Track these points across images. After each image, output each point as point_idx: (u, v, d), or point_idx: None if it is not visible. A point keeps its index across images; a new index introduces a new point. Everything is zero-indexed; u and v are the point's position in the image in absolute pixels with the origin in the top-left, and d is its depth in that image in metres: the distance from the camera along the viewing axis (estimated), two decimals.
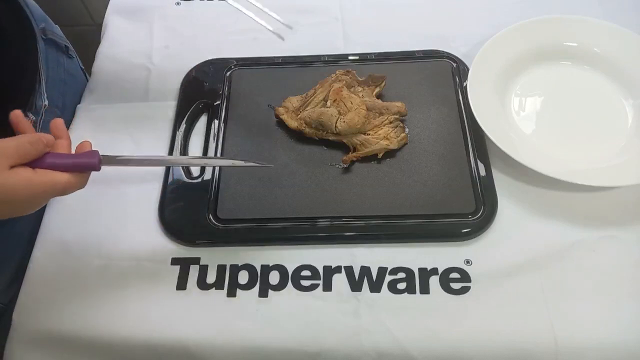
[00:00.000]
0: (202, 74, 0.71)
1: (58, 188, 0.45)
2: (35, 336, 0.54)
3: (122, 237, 0.59)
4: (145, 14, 0.78)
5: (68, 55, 0.74)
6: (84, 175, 0.47)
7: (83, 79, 0.76)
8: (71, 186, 0.46)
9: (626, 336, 0.51)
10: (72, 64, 0.75)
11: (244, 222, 0.58)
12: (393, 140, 0.61)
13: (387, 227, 0.57)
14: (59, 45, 0.71)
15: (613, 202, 0.59)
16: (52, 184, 0.44)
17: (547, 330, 0.51)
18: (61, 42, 0.72)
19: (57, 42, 0.71)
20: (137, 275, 0.56)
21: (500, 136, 0.59)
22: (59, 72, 0.70)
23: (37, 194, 0.44)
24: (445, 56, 0.70)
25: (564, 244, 0.56)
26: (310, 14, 0.77)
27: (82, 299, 0.55)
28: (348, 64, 0.70)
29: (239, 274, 0.56)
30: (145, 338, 0.53)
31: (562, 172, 0.57)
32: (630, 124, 0.64)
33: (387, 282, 0.54)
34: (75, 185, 0.46)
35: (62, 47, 0.72)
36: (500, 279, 0.54)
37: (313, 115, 0.61)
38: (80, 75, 0.77)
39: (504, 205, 0.58)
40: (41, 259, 0.58)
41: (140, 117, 0.68)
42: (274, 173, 0.61)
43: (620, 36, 0.67)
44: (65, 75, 0.71)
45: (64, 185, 0.45)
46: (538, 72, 0.68)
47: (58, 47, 0.71)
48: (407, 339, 0.52)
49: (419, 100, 0.66)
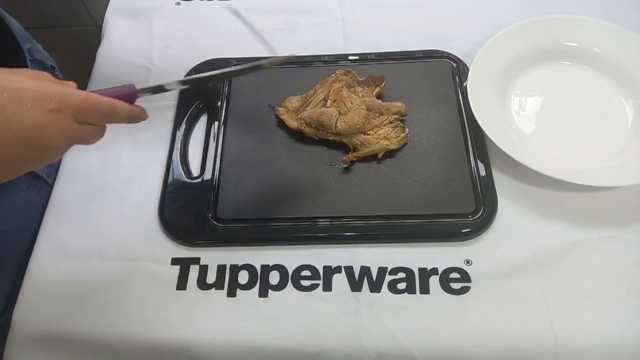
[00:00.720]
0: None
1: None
2: (35, 336, 0.54)
3: (122, 237, 0.59)
4: (145, 14, 0.78)
5: (55, 76, 0.72)
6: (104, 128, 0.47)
7: None
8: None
9: (626, 336, 0.51)
10: None
11: (244, 222, 0.58)
12: (393, 140, 0.61)
13: (387, 227, 0.57)
14: (46, 66, 0.70)
15: (613, 202, 0.59)
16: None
17: (547, 330, 0.51)
18: (48, 62, 0.70)
19: (44, 62, 0.69)
20: (137, 275, 0.56)
21: (500, 136, 0.59)
22: None
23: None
24: (445, 56, 0.70)
25: (564, 244, 0.56)
26: (310, 14, 0.77)
27: (82, 299, 0.55)
28: (348, 64, 0.70)
29: (239, 274, 0.56)
30: (145, 338, 0.53)
31: (562, 172, 0.57)
32: (630, 124, 0.64)
33: (387, 282, 0.54)
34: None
35: (48, 67, 0.71)
36: (500, 279, 0.54)
37: (313, 115, 0.62)
38: None
39: (504, 205, 0.58)
40: (41, 258, 0.58)
41: None
42: (274, 173, 0.61)
43: (620, 36, 0.67)
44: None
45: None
46: (538, 72, 0.68)
47: (45, 68, 0.70)
48: (407, 339, 0.52)
49: (419, 100, 0.66)
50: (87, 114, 0.43)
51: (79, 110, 0.42)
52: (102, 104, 0.44)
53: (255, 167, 0.62)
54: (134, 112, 0.48)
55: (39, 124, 0.40)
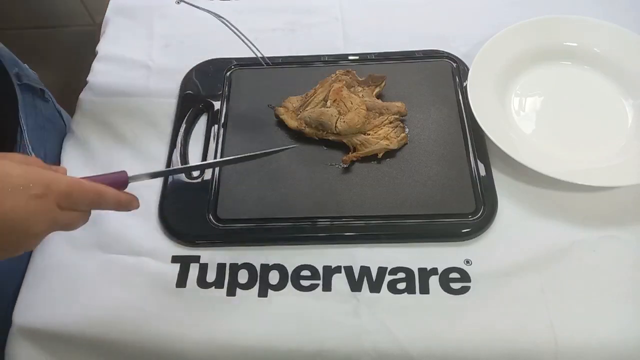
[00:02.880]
0: (202, 74, 0.71)
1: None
2: (35, 334, 0.54)
3: (122, 237, 0.59)
4: (145, 13, 0.78)
5: (44, 99, 0.70)
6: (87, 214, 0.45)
7: (61, 124, 0.73)
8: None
9: (626, 336, 0.51)
10: (49, 108, 0.71)
11: (243, 222, 0.58)
12: (393, 140, 0.61)
13: (387, 227, 0.57)
14: (35, 90, 0.68)
15: (613, 202, 0.59)
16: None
17: (547, 330, 0.51)
18: (37, 86, 0.69)
19: (33, 86, 0.68)
20: (136, 272, 0.56)
21: (500, 136, 0.59)
22: (37, 119, 0.66)
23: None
24: (445, 56, 0.70)
25: (564, 244, 0.56)
26: (310, 14, 0.77)
27: (82, 297, 0.55)
28: (348, 64, 0.70)
29: (238, 273, 0.56)
30: (145, 335, 0.53)
31: (562, 172, 0.57)
32: (630, 124, 0.64)
33: (387, 282, 0.54)
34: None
35: (37, 91, 0.69)
36: (500, 279, 0.54)
37: (313, 115, 0.62)
38: (58, 120, 0.73)
39: (504, 205, 0.58)
40: (42, 257, 0.58)
41: (141, 113, 0.68)
42: (274, 173, 0.61)
43: (620, 36, 0.67)
44: (43, 122, 0.68)
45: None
46: (538, 72, 0.68)
47: (34, 92, 0.68)
48: (407, 339, 0.52)
49: (419, 100, 0.66)
50: (73, 199, 0.42)
51: (64, 196, 0.41)
52: (88, 190, 0.43)
53: (255, 167, 0.62)
54: (123, 199, 0.46)
55: (21, 210, 0.38)
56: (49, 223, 0.41)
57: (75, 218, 0.43)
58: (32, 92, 0.68)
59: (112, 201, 0.45)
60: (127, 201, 0.46)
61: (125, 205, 0.46)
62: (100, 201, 0.44)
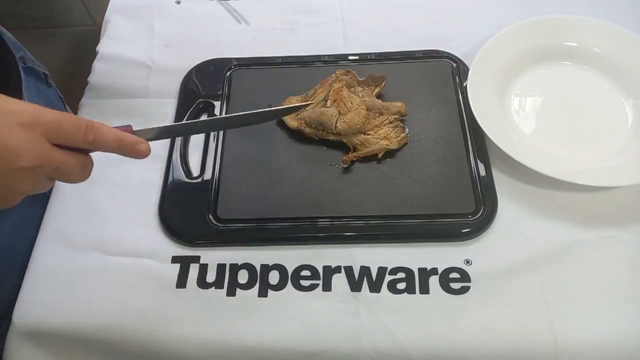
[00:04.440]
0: (202, 73, 0.71)
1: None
2: (35, 333, 0.54)
3: (122, 236, 0.59)
4: (145, 13, 0.78)
5: (47, 83, 0.71)
6: (87, 161, 0.41)
7: (63, 109, 0.73)
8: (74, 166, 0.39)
9: (626, 336, 0.51)
10: (51, 92, 0.71)
11: (243, 222, 0.58)
12: (393, 140, 0.61)
13: (387, 227, 0.57)
14: (38, 74, 0.69)
15: (613, 202, 0.59)
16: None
17: (547, 330, 0.51)
18: (40, 69, 0.69)
19: (36, 69, 0.68)
20: (136, 272, 0.56)
21: (500, 136, 0.59)
22: (39, 101, 0.66)
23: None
24: (445, 56, 0.70)
25: (564, 244, 0.56)
26: (310, 14, 0.77)
27: (82, 297, 0.55)
28: (348, 64, 0.70)
29: (238, 273, 0.56)
30: (145, 336, 0.53)
31: (562, 172, 0.57)
32: (630, 124, 0.64)
33: (387, 282, 0.54)
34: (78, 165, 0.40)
35: (40, 75, 0.69)
36: (500, 279, 0.54)
37: (313, 115, 0.62)
38: (60, 105, 0.73)
39: (504, 205, 0.58)
40: (41, 257, 0.58)
41: (141, 113, 0.68)
42: (274, 173, 0.61)
43: (620, 36, 0.67)
44: (46, 105, 0.67)
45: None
46: (538, 72, 0.68)
47: (37, 76, 0.68)
48: (407, 339, 0.52)
49: (419, 100, 0.66)
50: (64, 132, 0.38)
51: (54, 127, 0.37)
52: (81, 121, 0.38)
53: (255, 167, 0.62)
54: (127, 139, 0.41)
55: (5, 137, 0.35)
56: (39, 157, 0.36)
57: (70, 161, 0.39)
58: (36, 75, 0.68)
59: (112, 137, 0.40)
60: (132, 141, 0.41)
61: (129, 147, 0.41)
62: (97, 136, 0.39)
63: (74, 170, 0.40)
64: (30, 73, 0.67)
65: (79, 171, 0.40)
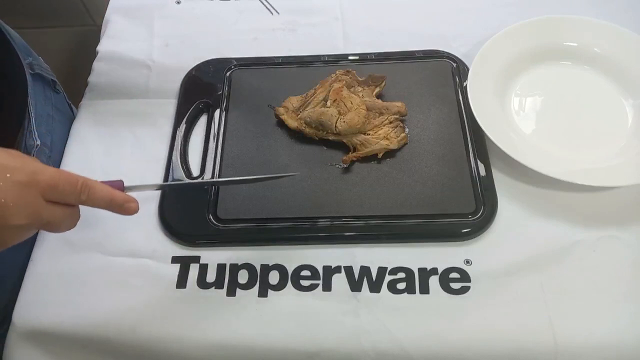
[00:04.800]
0: (202, 73, 0.71)
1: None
2: (35, 334, 0.54)
3: (122, 236, 0.59)
4: (145, 13, 0.79)
5: (55, 90, 0.71)
6: (75, 212, 0.43)
7: (70, 115, 0.73)
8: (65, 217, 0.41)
9: (626, 336, 0.51)
10: (59, 98, 0.72)
11: (243, 222, 0.58)
12: (393, 140, 0.61)
13: (387, 227, 0.57)
14: (46, 80, 0.69)
15: (613, 202, 0.59)
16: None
17: (547, 329, 0.51)
18: (48, 76, 0.69)
19: (45, 76, 0.68)
20: (137, 273, 0.56)
21: (500, 136, 0.59)
22: (46, 107, 0.67)
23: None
24: (445, 56, 0.70)
25: (564, 244, 0.56)
26: (310, 14, 0.77)
27: (82, 298, 0.55)
28: (348, 64, 0.70)
29: (238, 274, 0.56)
30: (145, 336, 0.53)
31: (562, 172, 0.57)
32: (630, 124, 0.64)
33: (387, 282, 0.54)
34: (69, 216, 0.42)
35: (49, 82, 0.69)
36: (500, 278, 0.54)
37: (313, 115, 0.62)
38: (67, 110, 0.73)
39: (504, 206, 0.58)
40: (41, 257, 0.58)
41: (141, 114, 0.68)
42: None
43: (620, 36, 0.67)
44: (52, 111, 0.68)
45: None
46: (538, 72, 0.68)
47: (45, 82, 0.69)
48: (407, 339, 0.52)
49: (419, 100, 0.66)
50: (59, 190, 0.39)
51: (50, 186, 0.38)
52: (76, 181, 0.40)
53: (255, 167, 0.62)
54: (118, 197, 0.43)
55: (1, 196, 0.36)
56: (32, 216, 0.38)
57: (60, 215, 0.40)
58: (44, 82, 0.68)
59: (104, 195, 0.42)
60: (122, 199, 0.43)
61: (119, 204, 0.43)
62: (90, 195, 0.41)
63: (63, 222, 0.41)
64: (38, 79, 0.67)
65: (68, 223, 0.42)
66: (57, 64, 1.02)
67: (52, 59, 0.85)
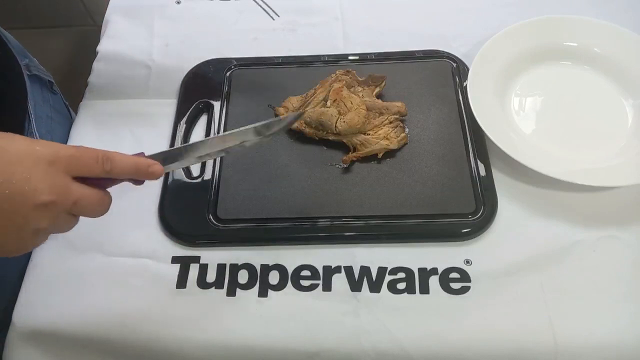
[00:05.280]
0: (202, 73, 0.71)
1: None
2: (35, 334, 0.54)
3: (122, 237, 0.59)
4: (145, 13, 0.79)
5: (52, 90, 0.71)
6: (106, 196, 0.42)
7: (68, 115, 0.73)
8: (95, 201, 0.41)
9: (625, 336, 0.51)
10: (57, 99, 0.72)
11: (243, 222, 0.58)
12: (393, 140, 0.61)
13: (387, 227, 0.57)
14: (43, 81, 0.69)
15: (613, 202, 0.59)
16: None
17: (546, 329, 0.51)
18: (45, 77, 0.69)
19: (42, 77, 0.68)
20: (137, 273, 0.56)
21: (500, 136, 0.59)
22: (45, 109, 0.67)
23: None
24: (445, 56, 0.70)
25: (564, 244, 0.56)
26: (310, 14, 0.77)
27: (82, 298, 0.55)
28: (348, 64, 0.70)
29: (238, 274, 0.56)
30: (145, 336, 0.53)
31: (562, 172, 0.57)
32: (630, 124, 0.64)
33: (387, 282, 0.54)
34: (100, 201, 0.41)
35: (46, 83, 0.70)
36: (500, 278, 0.54)
37: (313, 115, 0.62)
38: (65, 111, 0.74)
39: (504, 206, 0.58)
40: (42, 258, 0.58)
41: (141, 114, 0.68)
42: (274, 173, 0.61)
43: (620, 36, 0.67)
44: (51, 112, 0.68)
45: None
46: (538, 72, 0.68)
47: (42, 83, 0.69)
48: (407, 339, 0.52)
49: (419, 100, 0.66)
50: (82, 162, 0.39)
51: (71, 161, 0.39)
52: (96, 152, 0.40)
53: (255, 167, 0.62)
54: (142, 162, 0.43)
55: (24, 176, 0.36)
56: (59, 191, 0.38)
57: (88, 194, 0.40)
58: (41, 83, 0.68)
59: (127, 163, 0.42)
60: (146, 163, 0.43)
61: (144, 169, 0.43)
62: (114, 164, 0.41)
63: (93, 203, 0.41)
64: (36, 81, 0.67)
65: (98, 205, 0.42)
66: (57, 64, 1.02)
67: (52, 59, 0.86)
